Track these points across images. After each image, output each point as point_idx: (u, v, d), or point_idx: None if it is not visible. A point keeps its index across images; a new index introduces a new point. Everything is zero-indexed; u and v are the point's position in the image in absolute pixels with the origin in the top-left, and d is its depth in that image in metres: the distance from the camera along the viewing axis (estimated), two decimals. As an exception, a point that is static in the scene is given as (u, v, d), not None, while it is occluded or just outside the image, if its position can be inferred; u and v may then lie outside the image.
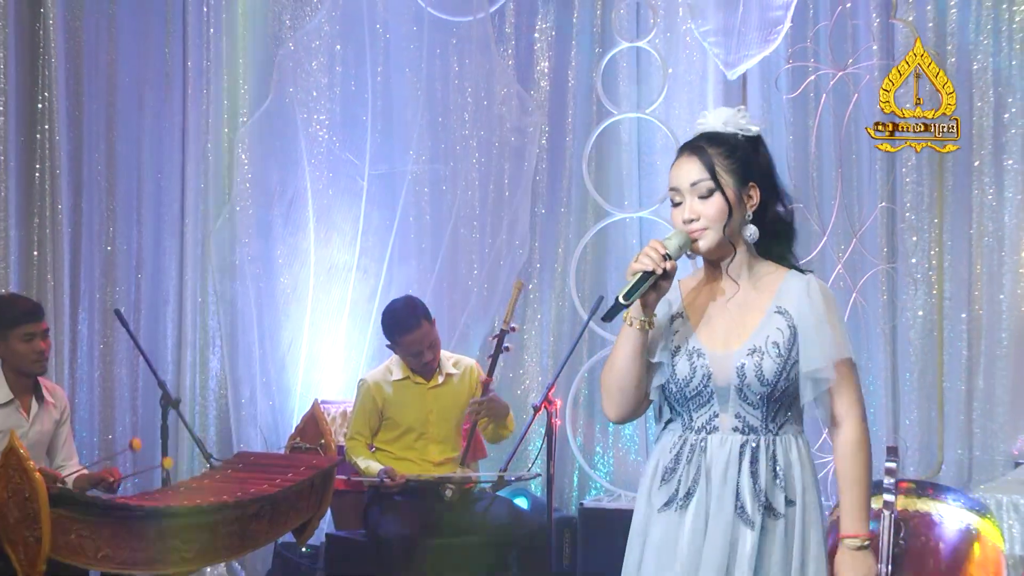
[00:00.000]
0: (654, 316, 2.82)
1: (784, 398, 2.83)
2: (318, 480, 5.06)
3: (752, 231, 2.86)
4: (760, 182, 2.88)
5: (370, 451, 5.57)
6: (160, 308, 6.63)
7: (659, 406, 2.95)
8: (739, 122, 2.90)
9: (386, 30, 6.85)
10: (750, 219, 2.87)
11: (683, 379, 2.85)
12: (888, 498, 4.58)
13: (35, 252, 6.19)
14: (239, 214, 6.63)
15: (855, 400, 2.87)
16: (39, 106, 6.22)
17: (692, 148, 2.88)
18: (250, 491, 4.80)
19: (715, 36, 6.30)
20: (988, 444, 6.28)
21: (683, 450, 2.86)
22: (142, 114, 6.63)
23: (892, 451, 4.79)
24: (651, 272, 2.74)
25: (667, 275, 2.76)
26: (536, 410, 5.34)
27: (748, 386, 2.81)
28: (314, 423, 5.44)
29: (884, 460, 4.70)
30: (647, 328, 2.81)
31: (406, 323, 5.50)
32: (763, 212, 2.89)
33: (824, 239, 6.23)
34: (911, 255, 6.33)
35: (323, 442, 5.47)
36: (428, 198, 6.85)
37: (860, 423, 2.87)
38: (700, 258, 2.92)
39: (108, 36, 6.52)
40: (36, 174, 6.21)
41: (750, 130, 2.91)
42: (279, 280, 6.70)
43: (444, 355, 5.66)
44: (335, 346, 6.74)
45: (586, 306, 6.28)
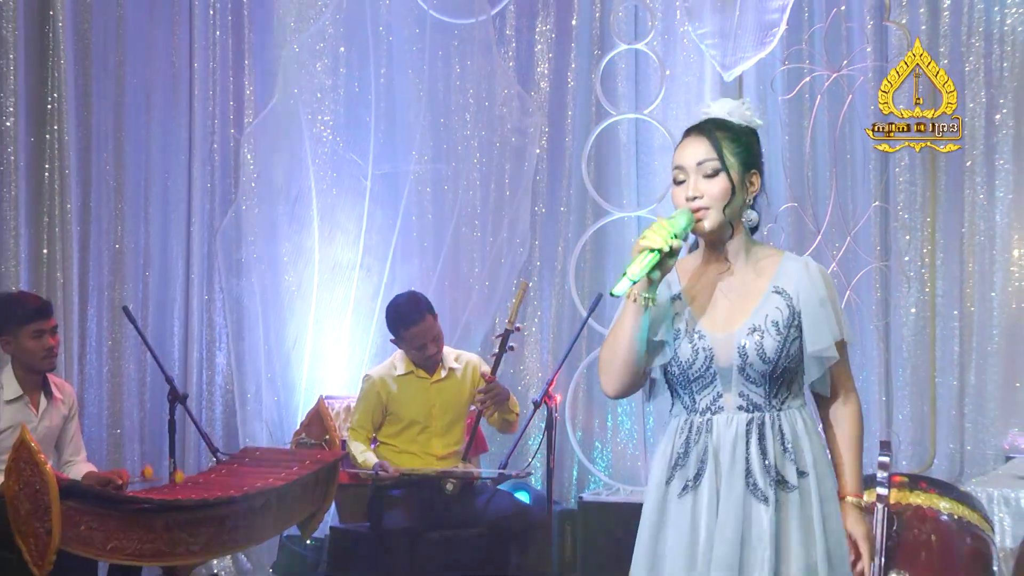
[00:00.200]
0: (656, 294, 2.82)
1: (785, 375, 2.85)
2: (323, 474, 5.07)
3: (752, 216, 2.90)
4: (761, 172, 2.92)
5: (370, 444, 5.58)
6: (167, 305, 6.63)
7: (649, 385, 2.95)
8: (744, 113, 2.93)
9: (389, 32, 6.85)
10: (750, 204, 2.90)
11: (686, 361, 2.86)
12: (881, 492, 4.58)
13: (44, 250, 6.19)
14: (245, 213, 6.64)
15: (850, 375, 2.99)
16: (48, 107, 6.22)
17: (700, 129, 2.90)
18: (256, 485, 4.81)
19: (712, 38, 6.30)
20: (979, 439, 6.29)
21: (691, 433, 2.87)
22: (150, 115, 6.63)
23: (885, 445, 4.79)
24: (657, 250, 2.74)
25: (672, 253, 2.75)
26: (536, 405, 5.34)
27: (750, 365, 2.82)
28: (319, 419, 5.46)
29: (877, 455, 4.71)
30: (649, 305, 2.81)
31: (410, 316, 5.50)
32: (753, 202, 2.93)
33: (819, 237, 6.23)
34: (904, 253, 6.33)
35: (327, 437, 5.49)
36: (430, 197, 6.85)
37: (856, 395, 2.98)
38: (698, 241, 2.94)
39: (116, 38, 6.51)
40: (45, 174, 6.21)
41: (754, 122, 2.94)
42: (284, 278, 6.70)
43: (447, 351, 5.66)
44: (339, 343, 6.74)
45: (585, 303, 6.28)
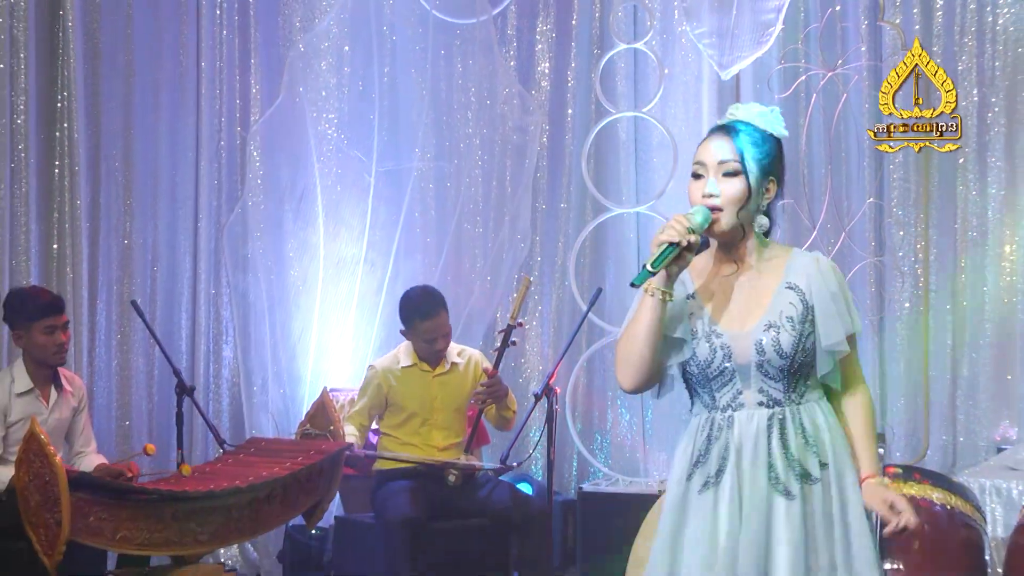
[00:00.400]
0: (672, 289, 2.81)
1: (803, 369, 2.84)
2: (327, 465, 5.07)
3: (763, 221, 2.89)
4: (779, 181, 2.91)
5: (364, 433, 5.57)
6: (175, 300, 6.64)
7: (662, 382, 2.93)
8: (771, 121, 2.92)
9: (392, 32, 6.84)
10: (763, 210, 2.89)
11: (704, 360, 2.84)
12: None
13: (55, 245, 6.19)
14: (251, 209, 6.63)
15: (859, 365, 2.98)
16: (59, 105, 6.22)
17: (726, 129, 2.89)
18: (262, 475, 4.81)
19: (709, 38, 6.29)
20: (972, 430, 6.29)
21: (712, 430, 2.86)
22: (158, 113, 6.63)
23: (879, 437, 4.79)
24: (676, 243, 2.74)
25: (690, 247, 2.75)
26: (537, 398, 5.34)
27: (768, 361, 2.81)
28: (323, 410, 5.45)
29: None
30: (667, 299, 2.80)
31: (427, 310, 5.50)
32: (768, 209, 2.91)
33: (814, 233, 6.22)
34: (898, 249, 6.33)
35: (332, 428, 5.48)
36: (433, 194, 6.85)
37: (865, 385, 2.98)
38: (708, 241, 2.92)
39: (125, 38, 6.51)
40: (56, 171, 6.22)
41: (780, 131, 2.92)
42: (289, 273, 6.70)
43: (451, 345, 5.66)
44: (343, 336, 6.74)
45: (585, 298, 6.28)
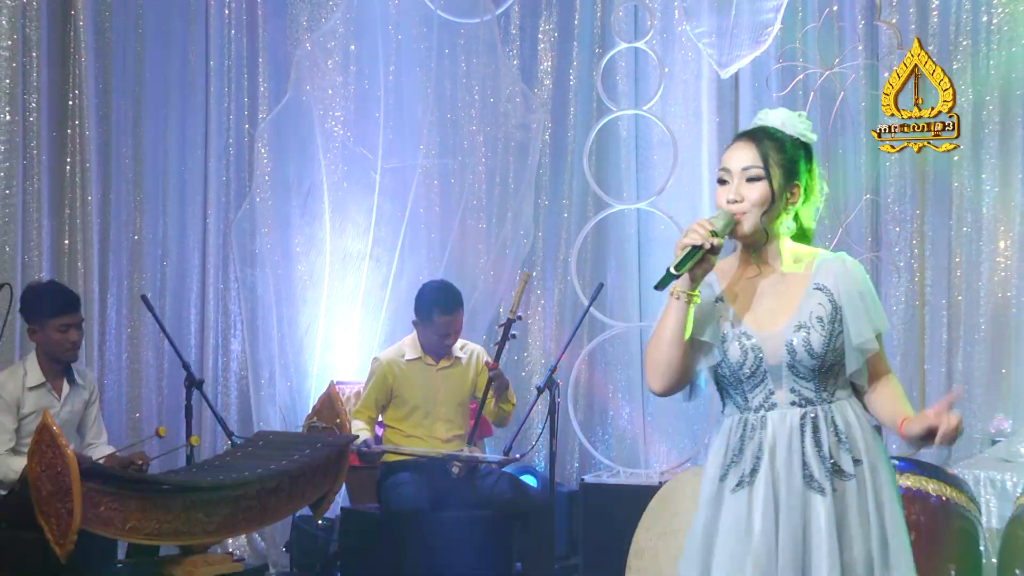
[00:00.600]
0: (698, 292, 2.81)
1: (833, 368, 2.84)
2: (334, 456, 5.07)
3: (789, 224, 2.90)
4: (803, 186, 2.90)
5: (373, 425, 5.58)
6: (184, 294, 6.64)
7: (691, 384, 2.92)
8: (798, 127, 2.91)
9: (398, 31, 6.84)
10: (790, 213, 2.90)
11: (736, 362, 2.84)
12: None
13: (66, 241, 6.20)
14: (259, 205, 6.64)
15: (887, 360, 2.95)
16: (70, 103, 6.22)
17: (750, 136, 2.89)
18: (269, 467, 4.82)
19: (709, 37, 6.28)
20: (967, 423, 6.20)
21: (745, 431, 2.85)
22: (167, 111, 6.63)
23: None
24: (699, 247, 2.74)
25: (714, 250, 2.75)
26: (540, 391, 5.34)
27: (799, 361, 2.81)
28: (330, 403, 5.45)
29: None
30: (693, 302, 2.80)
31: (446, 304, 5.50)
32: (797, 215, 2.92)
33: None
34: (894, 245, 6.32)
35: (338, 421, 5.48)
36: (437, 190, 6.85)
37: (895, 375, 2.96)
38: (735, 244, 2.92)
39: (135, 37, 6.51)
40: (67, 167, 6.22)
41: (807, 136, 2.92)
42: (296, 268, 6.71)
43: (455, 341, 5.67)
44: (349, 330, 6.74)
45: (586, 293, 6.27)
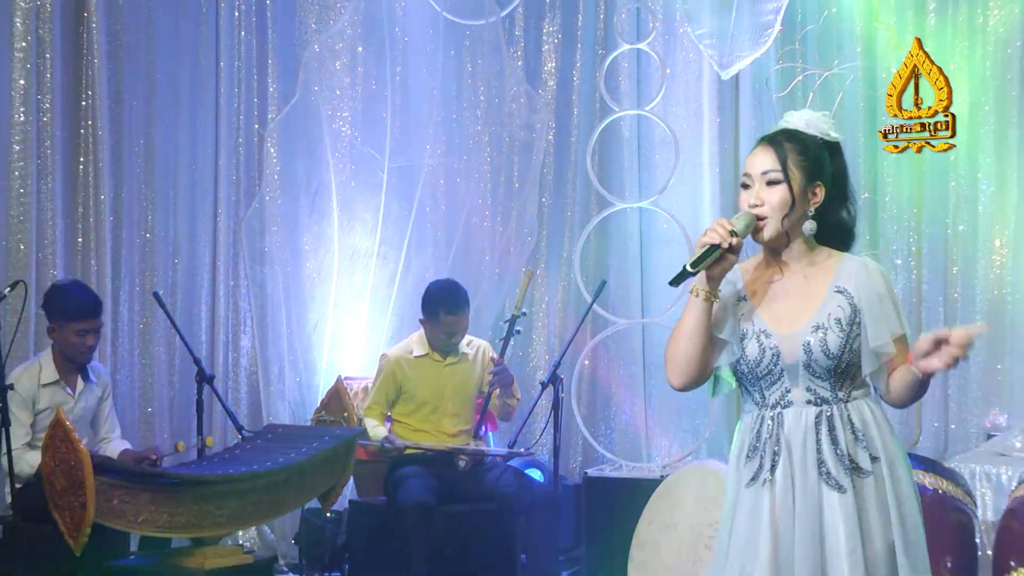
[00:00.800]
0: (719, 290, 2.82)
1: (849, 368, 2.83)
2: (341, 450, 5.08)
3: (810, 225, 2.86)
4: (827, 184, 2.88)
5: (384, 421, 5.59)
6: (195, 291, 6.65)
7: (714, 381, 2.93)
8: (821, 126, 2.90)
9: (404, 33, 6.85)
10: (811, 215, 2.87)
11: (753, 360, 2.84)
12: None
13: (79, 239, 6.20)
14: (268, 204, 6.65)
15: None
16: (83, 104, 6.23)
17: (770, 140, 2.89)
18: (279, 460, 4.83)
19: (710, 39, 6.28)
20: (963, 418, 6.27)
21: (762, 427, 2.85)
22: (178, 111, 6.63)
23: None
24: (717, 246, 2.74)
25: (732, 250, 2.75)
26: (544, 386, 5.35)
27: (816, 361, 2.80)
28: (338, 398, 5.47)
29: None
30: (712, 299, 2.80)
31: (453, 304, 5.50)
32: (825, 212, 2.88)
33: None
34: (892, 243, 6.32)
35: (346, 415, 5.51)
36: (443, 189, 6.85)
37: None
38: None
39: (147, 39, 6.52)
40: (80, 167, 6.23)
41: (830, 135, 2.91)
42: (305, 265, 6.72)
43: (462, 337, 5.67)
44: (357, 327, 6.75)
45: (590, 290, 6.28)
